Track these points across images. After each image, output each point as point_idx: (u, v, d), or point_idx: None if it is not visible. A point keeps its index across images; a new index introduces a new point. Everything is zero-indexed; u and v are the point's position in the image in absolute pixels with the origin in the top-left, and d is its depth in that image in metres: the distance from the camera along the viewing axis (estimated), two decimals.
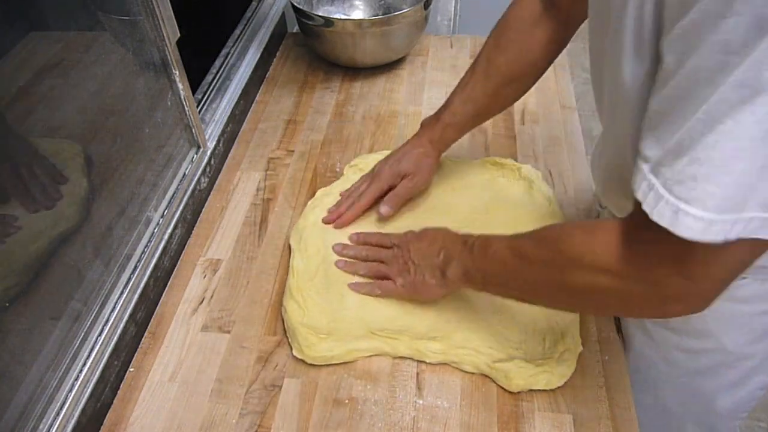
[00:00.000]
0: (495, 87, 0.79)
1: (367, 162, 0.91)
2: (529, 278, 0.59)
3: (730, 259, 0.44)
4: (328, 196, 0.88)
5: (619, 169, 0.63)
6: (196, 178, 0.89)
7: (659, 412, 0.80)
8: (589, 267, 0.51)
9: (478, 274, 0.64)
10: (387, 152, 0.93)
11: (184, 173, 0.88)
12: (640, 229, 0.46)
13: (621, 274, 0.49)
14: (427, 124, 0.85)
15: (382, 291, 0.75)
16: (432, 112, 1.06)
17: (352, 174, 0.91)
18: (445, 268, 0.68)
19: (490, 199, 0.86)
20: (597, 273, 0.51)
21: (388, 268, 0.75)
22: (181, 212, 0.85)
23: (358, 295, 0.75)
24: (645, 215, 0.44)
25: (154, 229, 0.80)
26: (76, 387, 0.64)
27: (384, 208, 0.82)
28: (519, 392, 0.68)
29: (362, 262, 0.78)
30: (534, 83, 0.81)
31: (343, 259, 0.79)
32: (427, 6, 1.14)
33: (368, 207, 0.84)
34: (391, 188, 0.84)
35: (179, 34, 0.81)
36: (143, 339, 0.75)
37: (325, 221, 0.84)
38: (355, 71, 1.17)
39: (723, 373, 0.73)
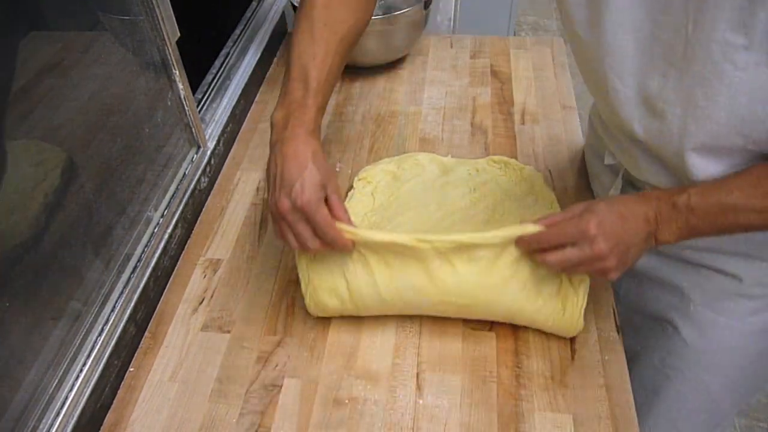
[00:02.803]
0: (343, 54, 0.72)
1: (375, 173, 0.90)
2: None
3: None
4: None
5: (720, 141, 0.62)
6: (196, 178, 0.89)
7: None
8: None
9: (713, 229, 0.61)
10: (388, 159, 0.93)
11: (184, 173, 0.88)
12: None
13: None
14: (293, 111, 0.67)
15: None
16: (433, 112, 1.07)
17: (362, 187, 0.89)
18: (657, 235, 0.62)
19: (502, 199, 0.85)
20: None
21: (590, 267, 0.63)
22: (181, 212, 0.85)
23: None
24: None
25: (154, 229, 0.80)
26: (76, 387, 0.64)
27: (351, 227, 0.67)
28: (520, 390, 0.68)
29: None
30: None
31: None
32: (427, 6, 1.14)
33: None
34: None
35: (179, 34, 0.81)
36: (143, 339, 0.75)
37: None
38: (355, 71, 1.17)
39: None
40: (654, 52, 0.60)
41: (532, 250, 0.66)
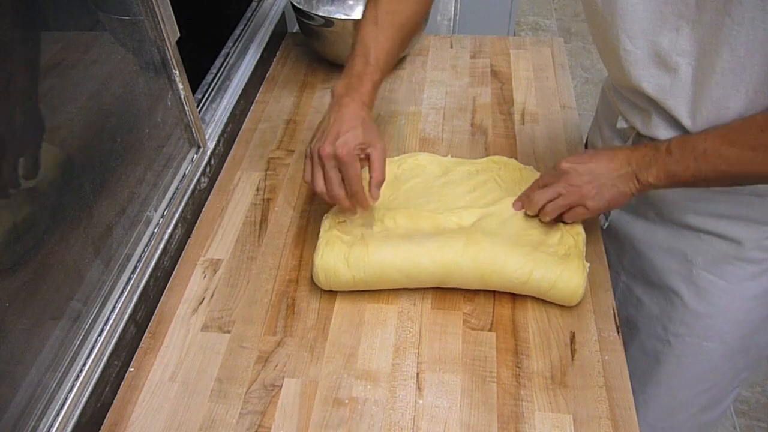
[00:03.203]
0: (402, 39, 0.82)
1: None
2: (760, 164, 0.63)
3: None
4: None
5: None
6: (196, 178, 0.89)
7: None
8: None
9: (688, 173, 0.67)
10: (389, 159, 0.93)
11: (184, 173, 0.88)
12: None
13: None
14: (352, 83, 0.78)
15: (571, 219, 0.75)
16: (432, 112, 1.07)
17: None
18: (640, 175, 0.69)
19: (502, 199, 0.85)
20: None
21: (568, 198, 0.73)
22: (181, 212, 0.85)
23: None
24: None
25: (154, 229, 0.80)
26: (76, 387, 0.64)
27: (375, 192, 0.75)
28: (520, 390, 0.68)
29: (544, 209, 0.76)
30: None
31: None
32: None
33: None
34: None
35: (179, 34, 0.81)
36: (143, 339, 0.75)
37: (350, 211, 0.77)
38: None
39: None
40: (665, 11, 0.65)
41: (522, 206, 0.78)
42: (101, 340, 0.68)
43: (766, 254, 0.78)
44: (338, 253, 0.76)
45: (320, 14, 1.10)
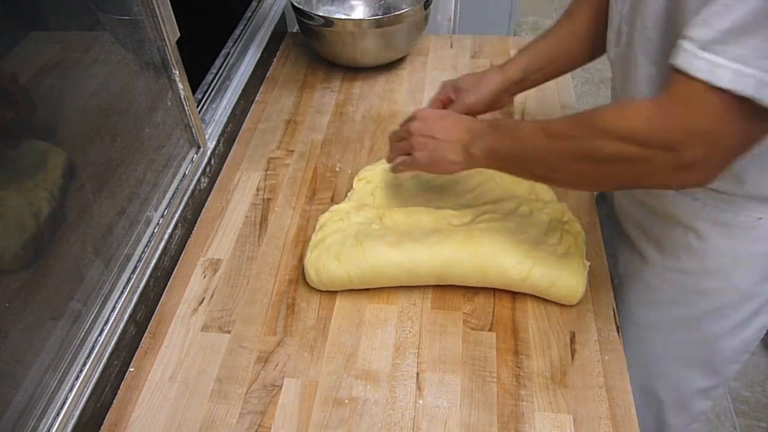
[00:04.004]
0: (578, 34, 0.82)
1: (375, 173, 0.91)
2: (556, 153, 0.63)
3: (741, 132, 0.51)
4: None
5: None
6: (196, 178, 0.89)
7: (666, 360, 0.85)
8: (618, 136, 0.56)
9: (505, 151, 0.68)
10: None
11: (184, 173, 0.88)
12: (670, 102, 0.53)
13: (647, 140, 0.54)
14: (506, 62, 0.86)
15: (403, 166, 0.77)
16: None
17: (362, 187, 0.89)
18: (470, 146, 0.70)
19: (501, 199, 0.86)
20: (624, 141, 0.55)
21: (408, 142, 0.76)
22: (181, 212, 0.85)
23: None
24: (677, 87, 0.51)
25: (154, 229, 0.80)
26: (76, 387, 0.64)
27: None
28: (520, 390, 0.68)
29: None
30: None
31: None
32: (427, 6, 1.14)
33: None
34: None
35: (179, 34, 0.81)
36: (143, 339, 0.75)
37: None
38: (355, 71, 1.17)
39: (730, 315, 0.78)
40: None
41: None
42: (101, 340, 0.68)
43: (665, 285, 0.79)
44: (329, 251, 0.76)
45: (320, 14, 1.10)
